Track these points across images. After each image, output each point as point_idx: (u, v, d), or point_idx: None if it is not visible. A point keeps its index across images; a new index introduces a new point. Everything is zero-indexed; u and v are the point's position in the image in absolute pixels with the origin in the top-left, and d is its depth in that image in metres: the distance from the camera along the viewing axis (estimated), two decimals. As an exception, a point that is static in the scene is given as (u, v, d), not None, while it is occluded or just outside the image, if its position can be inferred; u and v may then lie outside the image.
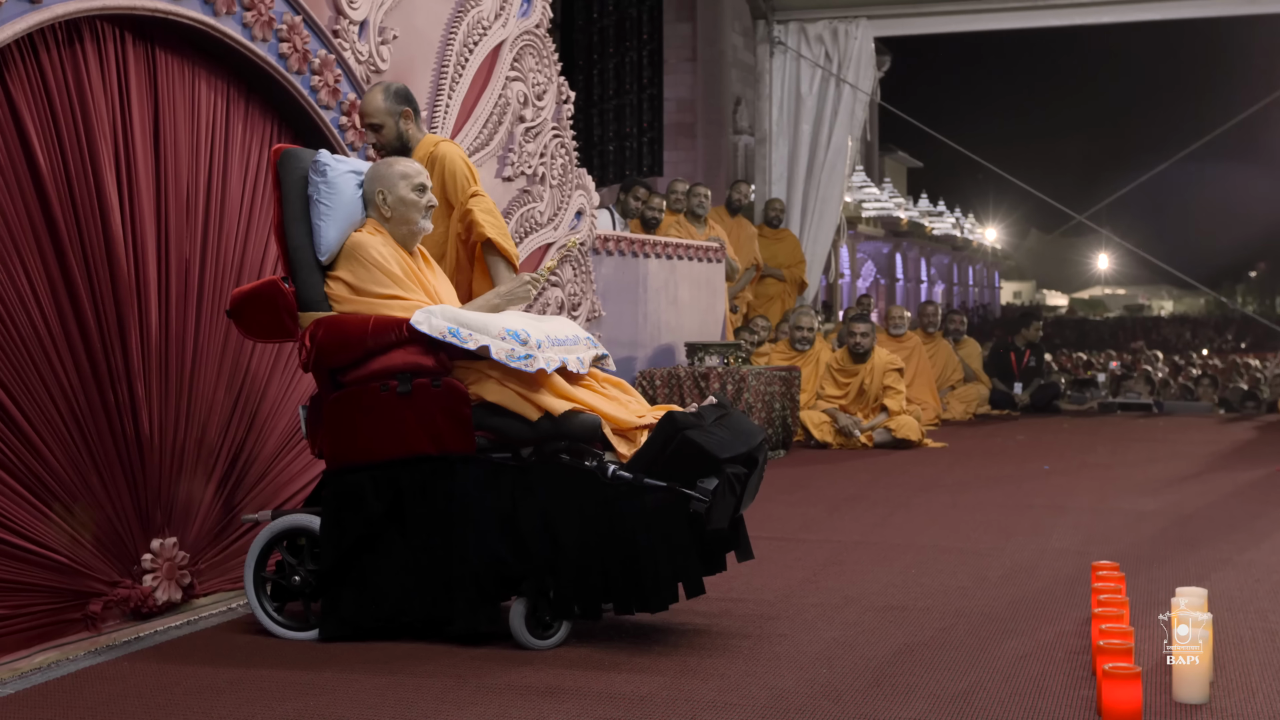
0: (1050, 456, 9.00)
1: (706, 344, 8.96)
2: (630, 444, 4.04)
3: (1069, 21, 13.33)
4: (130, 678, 3.72)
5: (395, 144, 4.89)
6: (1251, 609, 4.50)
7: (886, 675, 3.71)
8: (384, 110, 4.88)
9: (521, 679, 3.66)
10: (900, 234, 39.11)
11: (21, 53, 3.95)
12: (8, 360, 3.87)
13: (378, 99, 4.90)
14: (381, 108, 4.88)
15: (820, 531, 6.06)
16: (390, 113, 4.89)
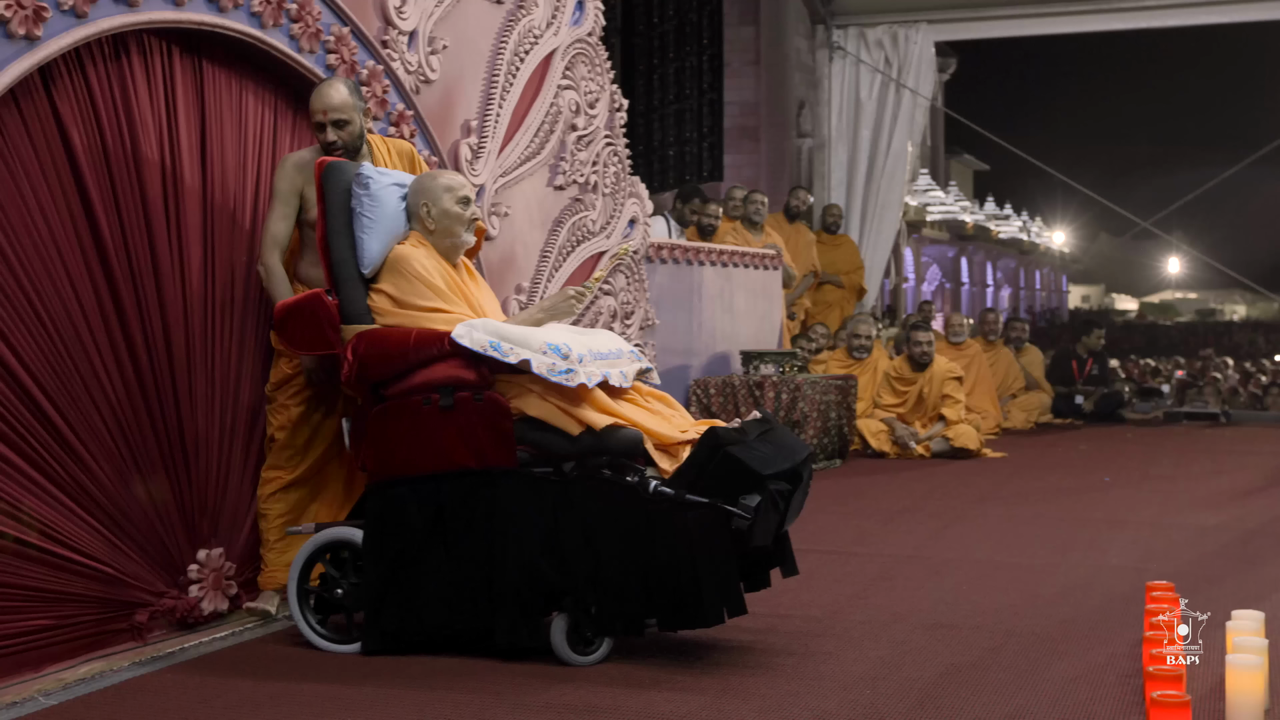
0: (1112, 468, 8.85)
1: (762, 352, 8.90)
2: (673, 459, 4.00)
3: (1132, 25, 13.15)
4: (172, 690, 3.73)
5: (357, 142, 4.60)
6: (1313, 631, 4.39)
7: (931, 698, 3.64)
8: (351, 105, 4.57)
9: (560, 697, 3.63)
10: (965, 238, 38.80)
11: (68, 67, 3.98)
12: (53, 372, 3.90)
13: (344, 92, 4.57)
14: (349, 102, 4.57)
15: (872, 545, 5.99)
16: (356, 108, 4.60)
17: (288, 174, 4.52)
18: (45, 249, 3.89)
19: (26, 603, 3.80)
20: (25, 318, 3.81)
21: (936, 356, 9.80)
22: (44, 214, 3.89)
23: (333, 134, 4.52)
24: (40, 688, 3.67)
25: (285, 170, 4.54)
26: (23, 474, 3.79)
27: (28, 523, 3.78)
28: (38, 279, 3.86)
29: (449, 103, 5.74)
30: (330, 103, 4.53)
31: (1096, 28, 13.35)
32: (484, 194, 5.98)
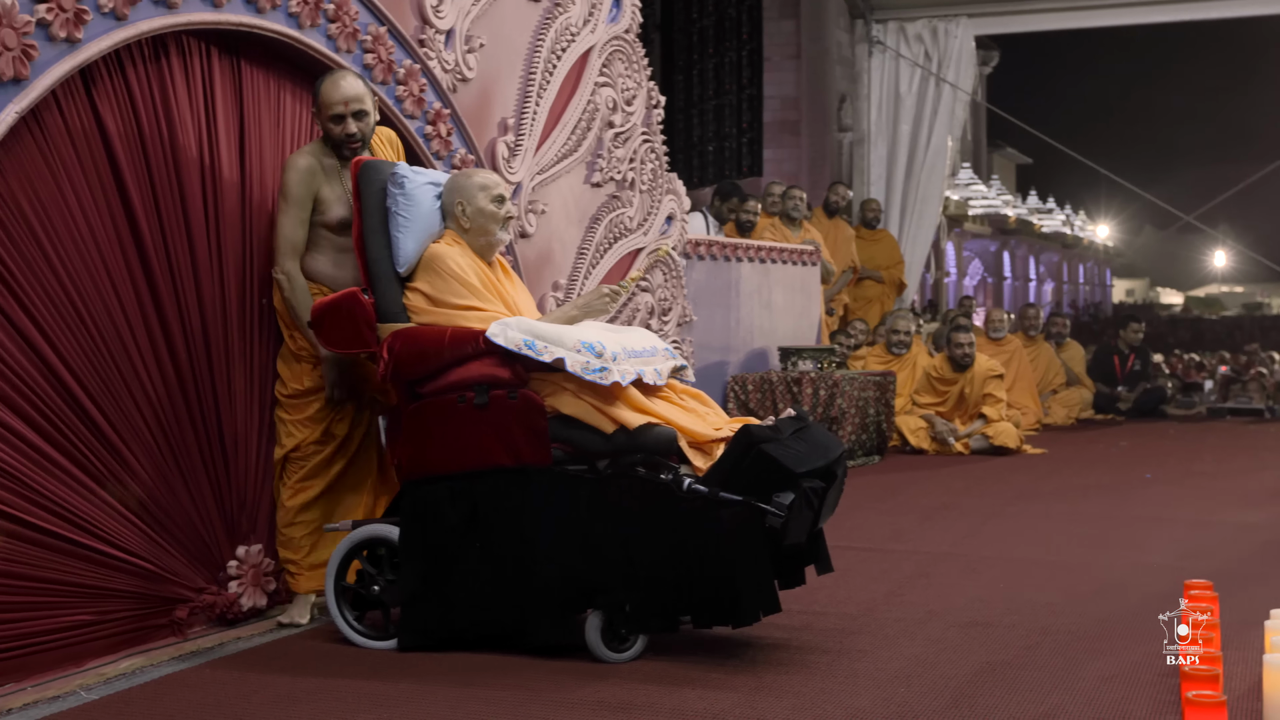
0: (1153, 464, 8.79)
1: (800, 348, 8.89)
2: (707, 457, 4.01)
3: (1174, 18, 13.04)
4: (210, 685, 3.77)
5: (370, 133, 4.59)
6: (1353, 630, 4.34)
7: (965, 696, 3.64)
8: (367, 95, 4.56)
9: (594, 694, 3.65)
10: (1008, 232, 38.57)
11: (109, 68, 4.02)
12: (94, 370, 3.95)
13: (359, 83, 4.55)
14: (365, 92, 4.55)
15: (909, 542, 5.98)
16: (370, 97, 4.58)
17: (301, 178, 4.45)
18: (86, 248, 3.94)
19: (69, 598, 3.85)
20: (66, 316, 3.86)
21: (977, 355, 9.75)
22: (85, 214, 3.94)
23: (353, 125, 4.48)
24: (82, 682, 3.72)
25: (298, 174, 4.46)
26: (65, 471, 3.84)
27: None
28: (78, 278, 3.90)
29: (486, 101, 5.76)
30: (350, 93, 4.48)
31: (1138, 20, 13.24)
32: (521, 191, 6.00)
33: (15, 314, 3.70)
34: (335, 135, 4.49)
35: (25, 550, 3.71)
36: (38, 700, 3.57)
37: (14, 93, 3.62)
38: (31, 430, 3.74)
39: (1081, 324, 33.43)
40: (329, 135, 4.50)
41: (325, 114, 4.49)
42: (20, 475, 3.69)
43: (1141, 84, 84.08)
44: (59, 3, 3.73)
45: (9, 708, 3.50)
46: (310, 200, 4.47)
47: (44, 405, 3.78)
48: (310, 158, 4.49)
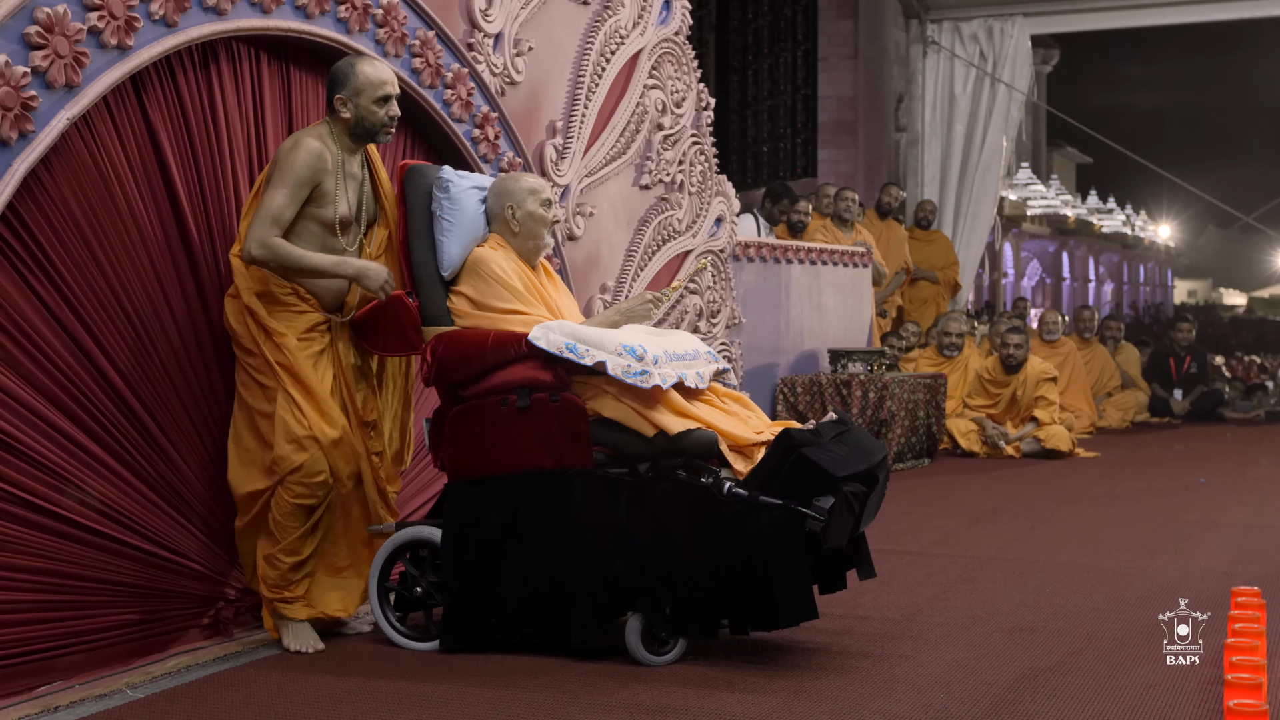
0: (1208, 468, 8.69)
1: (850, 350, 8.86)
2: (748, 460, 4.01)
3: (1234, 15, 12.86)
4: (254, 684, 3.81)
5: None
6: (1405, 640, 4.29)
7: (1005, 702, 3.62)
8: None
9: (633, 696, 3.66)
10: (1067, 232, 38.21)
11: (159, 74, 4.08)
12: (142, 371, 4.00)
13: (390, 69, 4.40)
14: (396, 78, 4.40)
15: (956, 546, 5.95)
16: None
17: (310, 161, 4.14)
18: (135, 252, 4.00)
19: (117, 597, 3.91)
20: (115, 318, 3.92)
21: (1030, 357, 9.68)
22: (134, 218, 4.00)
23: (395, 106, 4.31)
24: (128, 680, 3.78)
25: (308, 155, 4.14)
26: (113, 472, 3.90)
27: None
28: (128, 281, 3.96)
29: (534, 104, 5.79)
30: (390, 74, 4.33)
31: (1196, 19, 13.09)
32: (569, 194, 6.03)
33: (65, 316, 3.76)
34: (378, 119, 4.26)
35: (73, 550, 3.77)
36: (84, 698, 3.62)
37: (66, 99, 3.68)
38: (80, 430, 3.80)
39: (1143, 325, 33.07)
40: (369, 119, 4.25)
41: (371, 95, 4.24)
42: (68, 474, 3.75)
43: (1205, 80, 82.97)
44: (110, 10, 3.79)
45: (56, 705, 3.57)
46: (310, 186, 4.16)
47: (92, 406, 3.84)
48: (320, 142, 4.21)
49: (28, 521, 3.64)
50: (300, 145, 4.15)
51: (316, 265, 4.18)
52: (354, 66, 4.27)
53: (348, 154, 4.28)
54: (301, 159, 4.13)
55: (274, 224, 4.09)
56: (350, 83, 4.24)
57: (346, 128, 4.27)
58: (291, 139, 4.19)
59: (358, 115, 4.25)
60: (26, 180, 3.61)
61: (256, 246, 4.07)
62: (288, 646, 4.17)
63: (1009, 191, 31.91)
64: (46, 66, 3.59)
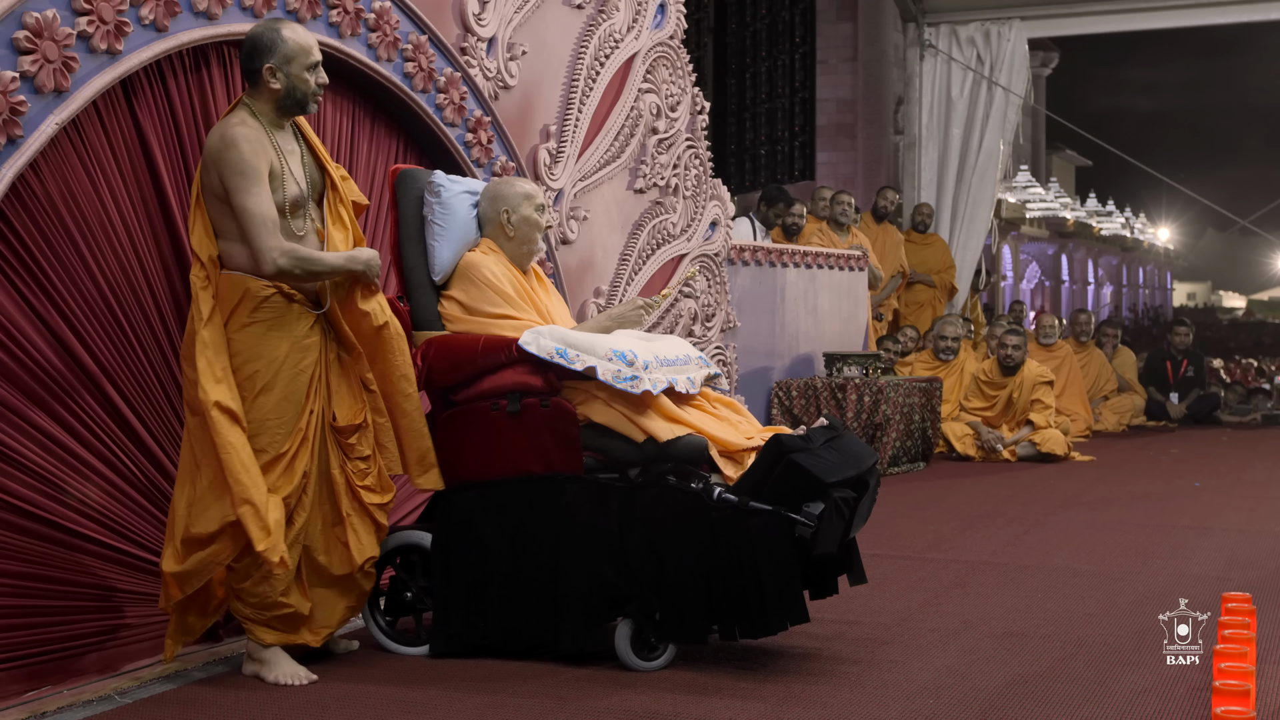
0: (1203, 472, 8.69)
1: (845, 354, 8.85)
2: (738, 466, 4.01)
3: (1232, 19, 12.84)
4: (242, 689, 3.81)
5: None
6: (1396, 646, 4.29)
7: (994, 708, 3.62)
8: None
9: (621, 702, 3.66)
10: (1066, 235, 38.18)
11: (149, 79, 4.08)
12: (131, 376, 4.00)
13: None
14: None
15: (949, 550, 5.94)
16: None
17: (254, 149, 3.82)
18: (125, 256, 3.99)
19: (105, 602, 3.91)
20: (105, 323, 3.92)
21: (1028, 360, 9.67)
22: (124, 222, 4.00)
23: (324, 74, 4.02)
24: (117, 686, 3.77)
25: (250, 144, 3.82)
26: (102, 476, 3.90)
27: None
28: (117, 285, 3.96)
29: (528, 108, 5.79)
30: (315, 40, 4.04)
31: (1193, 22, 13.08)
32: (563, 198, 6.02)
33: (53, 320, 3.76)
34: (310, 88, 3.95)
35: (62, 555, 3.77)
36: (73, 704, 3.62)
37: (55, 104, 3.69)
38: (68, 435, 3.80)
39: (1141, 328, 33.04)
40: (300, 88, 3.93)
41: (303, 63, 3.92)
42: (57, 480, 3.75)
43: (1206, 83, 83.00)
44: (100, 15, 3.79)
45: (44, 710, 3.56)
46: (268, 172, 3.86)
47: (81, 411, 3.83)
48: (253, 127, 3.88)
49: (15, 527, 3.65)
50: (236, 139, 3.81)
51: (335, 265, 3.92)
52: (279, 33, 3.91)
53: (277, 130, 3.94)
54: (245, 151, 3.80)
55: (277, 229, 3.82)
56: (279, 50, 3.89)
57: (274, 100, 3.92)
58: (218, 137, 3.83)
59: (288, 85, 3.91)
60: (15, 185, 3.62)
61: (282, 257, 3.80)
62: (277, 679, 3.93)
63: (1008, 194, 31.85)
64: (35, 71, 3.60)
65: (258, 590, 3.87)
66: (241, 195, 3.79)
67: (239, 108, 3.94)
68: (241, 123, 3.86)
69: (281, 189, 3.90)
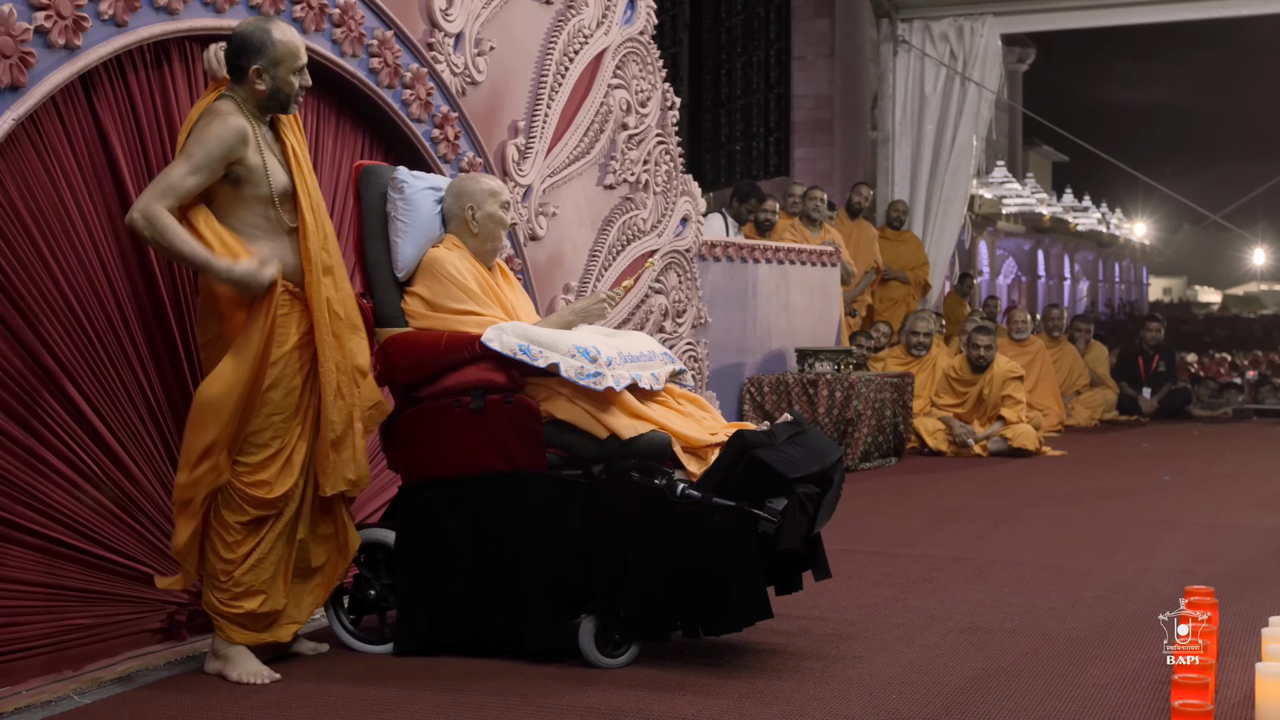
0: (1173, 466, 8.73)
1: (817, 350, 8.86)
2: (701, 462, 4.00)
3: (1203, 15, 12.91)
4: (203, 689, 3.79)
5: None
6: (1357, 639, 4.30)
7: (958, 703, 3.63)
8: None
9: (585, 699, 3.66)
10: (1042, 230, 38.32)
11: (109, 74, 4.05)
12: (92, 374, 3.97)
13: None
14: None
15: (918, 545, 5.95)
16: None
17: (229, 138, 3.83)
18: (85, 254, 3.96)
19: (67, 602, 3.88)
20: (65, 321, 3.89)
21: (998, 356, 9.69)
22: (84, 219, 3.97)
23: (308, 76, 4.06)
24: (76, 686, 3.75)
25: (228, 133, 3.84)
26: (64, 476, 3.87)
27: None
28: (77, 283, 3.93)
29: (496, 104, 5.77)
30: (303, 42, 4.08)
31: (1165, 18, 13.14)
32: (531, 194, 6.01)
33: (13, 319, 3.73)
34: (294, 90, 3.99)
35: (21, 554, 3.74)
36: (30, 705, 3.60)
37: (11, 100, 3.66)
38: (28, 435, 3.77)
39: (1117, 323, 33.17)
40: (285, 90, 3.96)
41: (290, 66, 3.95)
42: (16, 480, 3.73)
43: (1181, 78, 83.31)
44: (58, 10, 3.76)
45: (1, 711, 3.54)
46: (224, 166, 3.86)
47: (41, 410, 3.81)
48: (242, 118, 3.90)
49: (-27, 526, 3.62)
50: (222, 119, 3.83)
51: (191, 255, 3.80)
52: (269, 34, 3.93)
53: (260, 124, 3.97)
54: (220, 134, 3.81)
55: (167, 195, 3.76)
56: (267, 52, 3.91)
57: (258, 99, 3.94)
58: (208, 111, 3.87)
59: (274, 87, 3.94)
60: (-29, 182, 3.58)
61: (139, 215, 3.74)
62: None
63: (984, 189, 31.97)
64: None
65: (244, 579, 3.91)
66: (182, 161, 3.81)
67: (225, 98, 3.95)
68: (234, 113, 3.90)
69: (266, 181, 3.94)
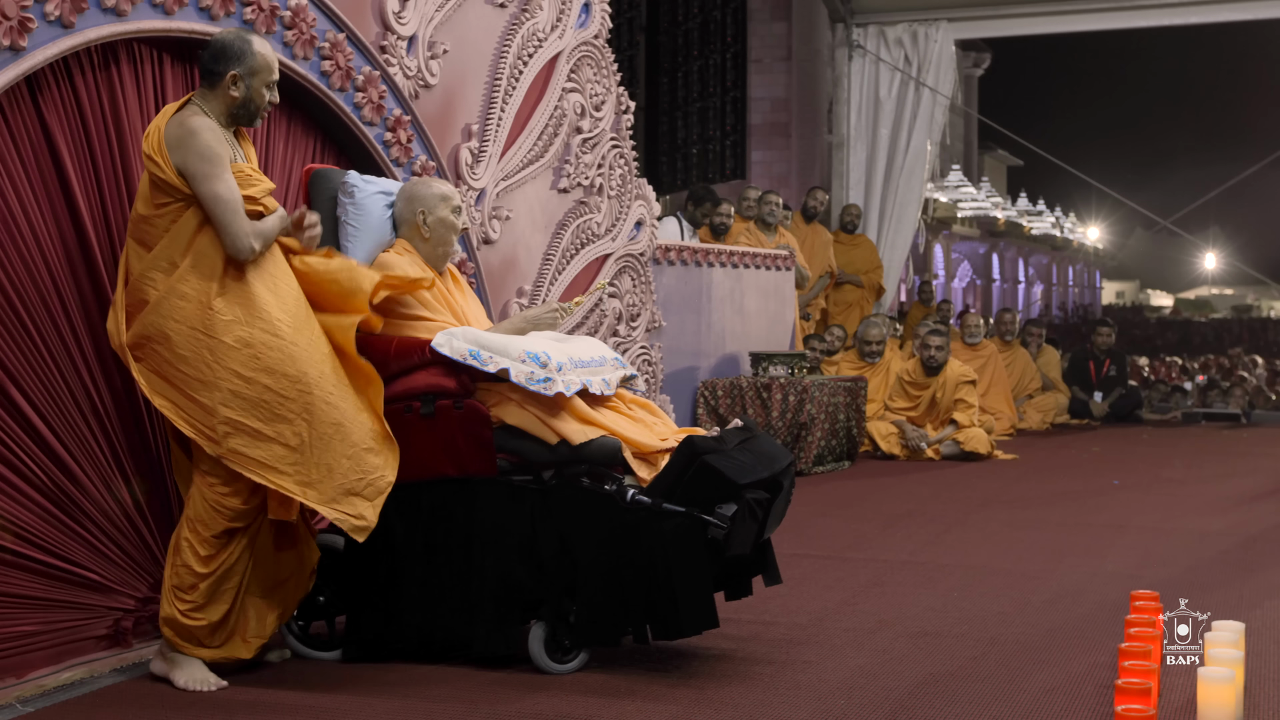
0: (1123, 470, 8.80)
1: (771, 354, 8.89)
2: (651, 467, 4.01)
3: (1155, 23, 13.04)
4: (149, 697, 3.76)
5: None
6: (1299, 642, 4.37)
7: (905, 708, 3.65)
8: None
9: (534, 705, 3.65)
10: (997, 234, 38.60)
11: (56, 76, 4.01)
12: (38, 378, 3.94)
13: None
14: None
15: (868, 550, 5.98)
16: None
17: (216, 138, 3.86)
18: (30, 257, 3.93)
19: (9, 609, 3.83)
20: (10, 325, 3.85)
21: (950, 360, 9.74)
22: (30, 223, 3.93)
23: (276, 93, 4.08)
24: (20, 694, 3.71)
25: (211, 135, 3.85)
26: (6, 481, 3.83)
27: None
28: (23, 287, 3.89)
29: (449, 107, 5.76)
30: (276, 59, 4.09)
31: (1119, 25, 13.25)
32: (485, 198, 6.00)
33: (-44, 324, 3.70)
34: (264, 103, 4.01)
35: (-37, 560, 3.70)
36: (-27, 711, 3.57)
37: (-45, 102, 3.62)
38: (-29, 440, 3.73)
39: (1070, 326, 33.45)
40: (256, 102, 3.98)
41: (265, 79, 3.98)
42: (-41, 485, 3.69)
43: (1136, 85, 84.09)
44: (2, 11, 3.72)
45: (-58, 719, 3.51)
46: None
47: (-16, 415, 3.77)
48: (207, 119, 3.90)
49: (-85, 532, 3.58)
50: (197, 128, 3.84)
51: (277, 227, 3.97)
52: (250, 44, 3.96)
53: (226, 132, 3.98)
54: (208, 140, 3.83)
55: (239, 212, 3.84)
56: (246, 60, 3.94)
57: (228, 106, 3.95)
58: (177, 125, 3.85)
59: (246, 96, 3.96)
60: (-86, 184, 3.54)
61: (255, 239, 3.84)
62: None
63: (940, 193, 32.17)
64: (-66, 69, 3.53)
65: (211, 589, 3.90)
66: (211, 181, 3.81)
67: (189, 105, 3.94)
68: (197, 114, 3.90)
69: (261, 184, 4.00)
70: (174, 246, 3.87)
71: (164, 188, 3.85)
